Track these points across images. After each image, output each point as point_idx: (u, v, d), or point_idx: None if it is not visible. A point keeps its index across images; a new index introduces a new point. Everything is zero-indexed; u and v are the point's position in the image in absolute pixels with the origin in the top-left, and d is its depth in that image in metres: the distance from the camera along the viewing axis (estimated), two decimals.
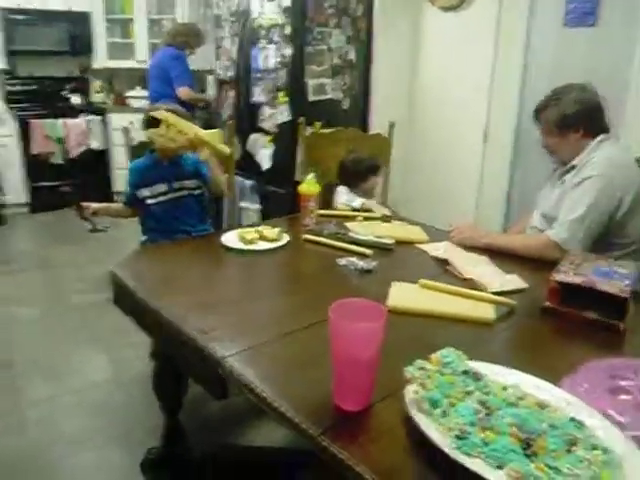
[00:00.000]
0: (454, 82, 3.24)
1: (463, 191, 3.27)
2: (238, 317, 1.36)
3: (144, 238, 2.34)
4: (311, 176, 2.04)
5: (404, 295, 1.46)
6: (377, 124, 3.20)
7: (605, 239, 1.80)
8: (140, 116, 4.64)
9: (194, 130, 2.08)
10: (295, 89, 2.99)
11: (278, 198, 3.19)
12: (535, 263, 1.74)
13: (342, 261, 1.69)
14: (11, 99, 4.84)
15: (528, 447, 0.87)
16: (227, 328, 1.29)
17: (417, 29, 3.39)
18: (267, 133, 3.11)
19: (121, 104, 5.19)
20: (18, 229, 4.55)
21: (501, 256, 1.79)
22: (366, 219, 2.17)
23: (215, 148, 2.11)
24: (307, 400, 1.02)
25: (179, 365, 1.44)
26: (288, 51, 2.93)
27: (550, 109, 1.89)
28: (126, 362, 2.59)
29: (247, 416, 2.20)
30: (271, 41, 3.01)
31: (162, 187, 2.22)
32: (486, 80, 3.05)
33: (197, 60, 4.95)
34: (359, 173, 2.49)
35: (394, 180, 2.77)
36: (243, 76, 3.27)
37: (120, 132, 4.85)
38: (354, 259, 1.69)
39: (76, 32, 4.90)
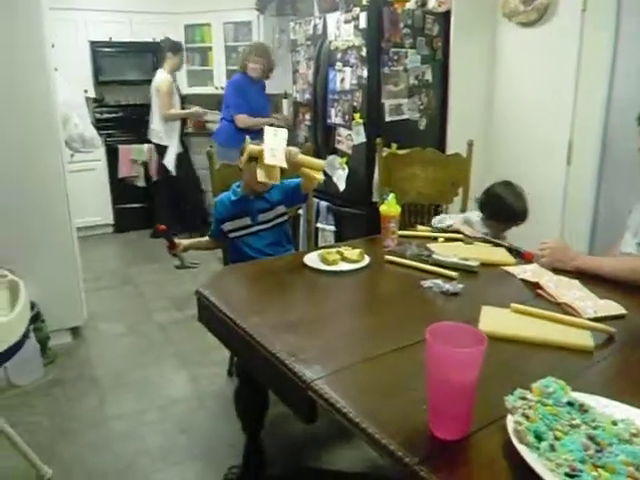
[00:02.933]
0: (534, 100, 3.12)
1: (545, 213, 3.12)
2: (324, 338, 1.36)
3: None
4: (392, 197, 2.02)
5: (496, 320, 1.40)
6: (454, 144, 3.14)
7: None
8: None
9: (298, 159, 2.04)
10: (371, 110, 2.99)
11: (354, 219, 3.19)
12: (629, 288, 1.63)
13: (426, 283, 1.66)
14: (99, 126, 5.14)
15: None
16: (314, 350, 1.28)
17: (494, 46, 3.31)
18: (343, 154, 3.13)
19: (200, 128, 5.39)
20: (104, 248, 4.80)
21: (593, 280, 1.69)
22: (447, 240, 2.13)
23: (310, 175, 2.08)
24: (401, 427, 0.99)
25: (265, 386, 1.44)
26: (364, 72, 2.94)
27: None
28: (206, 379, 2.64)
29: (328, 438, 2.19)
30: (347, 63, 3.04)
31: (246, 221, 2.24)
32: (569, 98, 2.91)
33: (272, 85, 5.11)
34: (509, 218, 2.29)
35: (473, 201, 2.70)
36: (319, 98, 3.32)
37: (199, 156, 5.10)
38: (439, 281, 1.65)
39: (159, 61, 5.15)
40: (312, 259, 1.87)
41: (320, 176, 2.07)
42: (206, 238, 2.37)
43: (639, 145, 1.80)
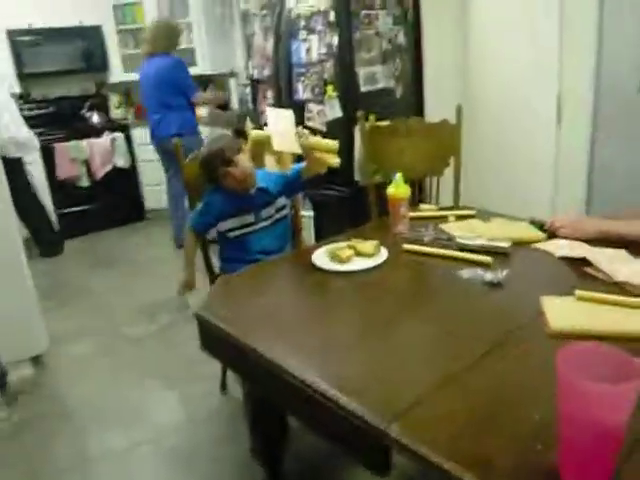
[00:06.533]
0: (514, 55, 2.90)
1: (536, 178, 2.95)
2: (374, 361, 1.11)
3: (219, 267, 2.13)
4: (399, 176, 1.78)
5: (566, 313, 1.20)
6: (433, 110, 2.93)
7: None
8: None
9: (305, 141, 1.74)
10: (345, 81, 2.72)
11: (334, 203, 2.94)
12: None
13: (465, 273, 1.44)
14: (29, 124, 4.62)
15: None
16: (369, 379, 1.05)
17: (467, 2, 3.07)
18: (316, 132, 2.86)
19: (143, 118, 4.96)
20: (52, 258, 4.34)
21: (632, 247, 1.51)
22: (459, 218, 1.91)
23: (323, 160, 1.81)
24: (522, 476, 0.78)
25: (312, 429, 1.19)
26: (334, 40, 2.66)
27: None
28: (198, 398, 2.36)
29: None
30: (313, 31, 2.75)
31: (249, 218, 1.97)
32: (554, 50, 2.70)
33: (215, 63, 4.74)
34: None
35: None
36: (283, 73, 3.01)
37: (142, 148, 4.70)
38: (478, 270, 1.44)
39: (88, 47, 4.68)
40: (321, 258, 1.61)
41: (336, 160, 1.80)
42: (192, 244, 2.05)
43: None
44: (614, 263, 1.42)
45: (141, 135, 4.78)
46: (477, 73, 3.15)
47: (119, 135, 4.70)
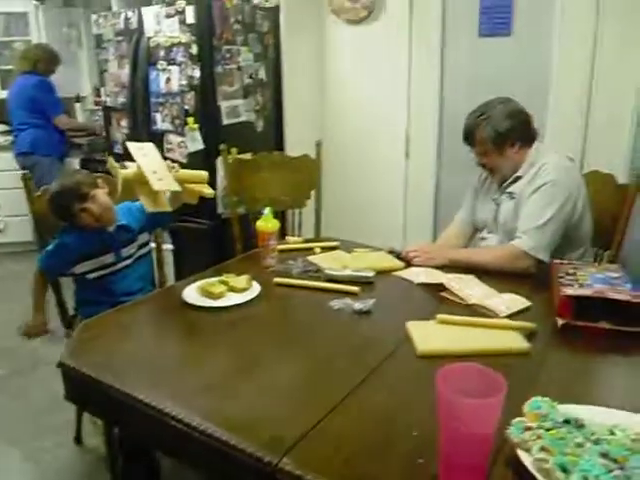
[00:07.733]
0: (369, 98, 3.15)
1: (388, 209, 3.19)
2: (258, 397, 1.11)
3: (74, 309, 1.98)
4: (268, 210, 1.81)
5: (429, 336, 1.31)
6: (293, 145, 3.04)
7: (561, 243, 1.78)
8: (5, 155, 4.08)
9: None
10: (207, 113, 2.72)
11: (195, 235, 2.89)
12: (511, 277, 1.69)
13: (335, 304, 1.50)
14: None
15: None
16: (254, 415, 1.05)
17: (324, 43, 3.25)
18: (178, 164, 2.80)
19: None
20: None
21: (479, 273, 1.71)
22: (324, 249, 2.00)
23: (196, 191, 1.79)
24: None
25: (200, 471, 1.14)
26: (196, 72, 2.65)
27: (482, 128, 1.81)
28: (48, 454, 2.12)
29: None
30: (173, 61, 2.71)
31: (109, 258, 1.84)
32: (403, 94, 2.99)
33: (59, 87, 4.44)
34: None
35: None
36: (139, 102, 2.91)
37: None
38: (347, 300, 1.51)
39: None
40: (192, 295, 1.57)
41: (210, 190, 1.78)
42: (38, 285, 1.86)
43: (478, 163, 1.91)
44: (466, 288, 1.59)
45: None
46: (334, 110, 3.34)
47: None
